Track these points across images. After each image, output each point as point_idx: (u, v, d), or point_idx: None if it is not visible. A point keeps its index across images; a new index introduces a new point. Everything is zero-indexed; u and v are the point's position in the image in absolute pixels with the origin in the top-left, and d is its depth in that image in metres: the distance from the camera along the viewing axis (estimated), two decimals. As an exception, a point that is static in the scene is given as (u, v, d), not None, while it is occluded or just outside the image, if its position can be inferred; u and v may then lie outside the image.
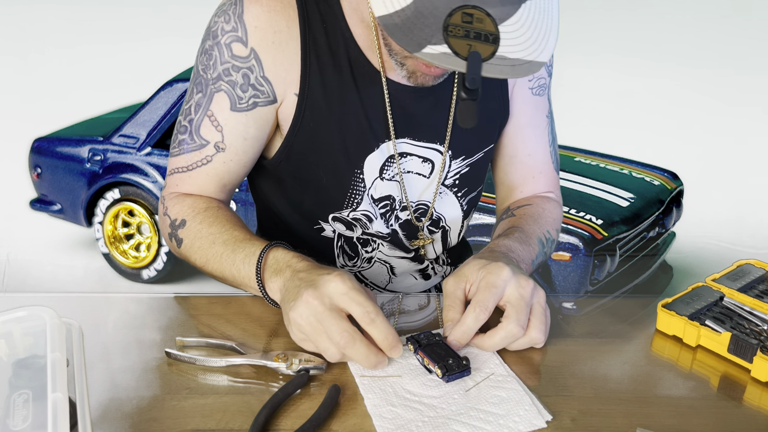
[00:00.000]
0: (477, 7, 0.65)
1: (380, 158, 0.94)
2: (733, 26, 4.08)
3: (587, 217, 2.58)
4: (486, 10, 0.66)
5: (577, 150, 3.24)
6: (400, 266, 1.05)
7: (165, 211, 0.94)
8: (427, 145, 0.96)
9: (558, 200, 1.10)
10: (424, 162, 0.97)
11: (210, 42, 0.88)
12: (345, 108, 0.90)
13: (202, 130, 0.90)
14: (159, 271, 3.27)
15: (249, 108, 0.88)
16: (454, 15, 0.65)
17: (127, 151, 3.24)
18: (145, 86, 3.26)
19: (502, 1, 0.66)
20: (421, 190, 0.99)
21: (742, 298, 0.83)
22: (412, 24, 0.66)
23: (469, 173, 1.01)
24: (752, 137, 4.00)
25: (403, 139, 0.94)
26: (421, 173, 0.98)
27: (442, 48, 0.65)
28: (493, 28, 0.66)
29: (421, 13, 0.66)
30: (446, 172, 0.99)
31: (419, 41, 0.65)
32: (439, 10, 0.65)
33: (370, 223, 0.99)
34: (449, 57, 0.65)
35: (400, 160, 0.96)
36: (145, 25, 4.07)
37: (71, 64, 4.16)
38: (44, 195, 3.50)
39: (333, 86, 0.89)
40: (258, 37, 0.85)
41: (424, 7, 0.65)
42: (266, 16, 0.85)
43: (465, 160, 1.00)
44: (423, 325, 0.83)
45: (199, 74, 0.90)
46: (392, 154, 0.95)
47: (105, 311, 0.87)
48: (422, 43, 0.65)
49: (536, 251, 0.92)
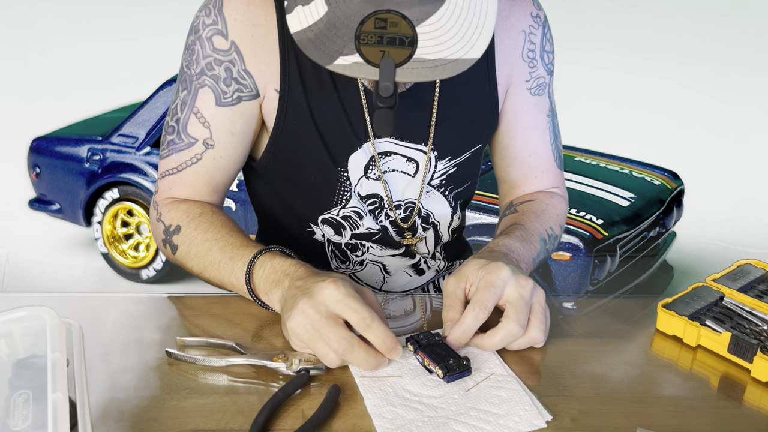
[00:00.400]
0: (392, 11, 0.64)
1: (364, 157, 0.94)
2: (733, 25, 4.08)
3: (588, 216, 2.58)
4: (401, 13, 0.64)
5: (578, 149, 3.24)
6: (393, 264, 1.06)
7: (159, 217, 0.94)
8: (410, 145, 0.96)
9: (563, 195, 1.09)
10: (409, 161, 0.97)
11: (192, 37, 0.88)
12: (325, 107, 0.90)
13: (189, 127, 0.90)
14: (158, 271, 3.27)
15: (234, 102, 0.89)
16: (367, 22, 0.64)
17: (126, 151, 3.24)
18: (144, 85, 3.27)
19: (421, 1, 0.64)
20: (406, 189, 0.99)
21: (742, 298, 0.84)
22: (325, 37, 0.65)
23: (456, 173, 1.01)
24: (753, 137, 4.00)
25: (386, 138, 0.94)
26: (406, 172, 0.98)
27: (354, 58, 0.64)
28: (409, 31, 0.64)
29: (334, 25, 0.65)
30: (432, 173, 0.99)
31: (331, 53, 0.64)
32: (352, 19, 0.64)
33: (361, 220, 0.99)
34: (362, 66, 0.64)
35: (384, 159, 0.96)
36: (144, 23, 4.07)
37: (70, 63, 4.16)
38: (43, 195, 3.50)
39: (312, 84, 0.89)
40: (238, 29, 0.86)
41: (337, 17, 0.64)
42: (245, 9, 0.85)
43: (452, 161, 0.99)
44: (411, 329, 0.83)
45: (184, 71, 0.90)
46: (374, 154, 0.95)
47: (105, 311, 0.87)
48: (334, 55, 0.64)
49: (538, 249, 0.92)
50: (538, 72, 1.00)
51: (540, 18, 0.99)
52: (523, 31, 0.97)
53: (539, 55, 1.00)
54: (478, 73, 0.95)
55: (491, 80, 0.96)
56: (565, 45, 1.52)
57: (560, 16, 0.84)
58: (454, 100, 0.95)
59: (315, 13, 0.65)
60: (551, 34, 1.02)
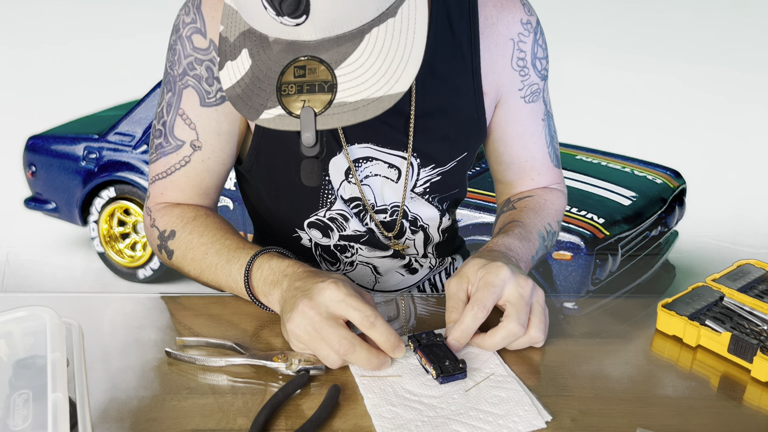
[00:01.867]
0: (310, 57, 0.63)
1: (344, 162, 0.95)
2: (734, 22, 4.09)
3: (589, 216, 2.58)
4: (318, 58, 0.63)
5: (579, 148, 3.24)
6: (383, 265, 1.06)
7: (152, 223, 0.94)
8: (390, 152, 0.96)
9: (562, 190, 1.09)
10: (390, 167, 0.97)
11: (174, 37, 0.88)
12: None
13: (176, 130, 0.90)
14: (155, 271, 3.27)
15: (218, 102, 0.89)
16: (287, 72, 0.63)
17: (123, 149, 3.25)
18: (141, 83, 3.27)
19: (338, 41, 0.63)
20: (390, 194, 0.99)
21: (742, 298, 0.84)
22: (251, 91, 0.64)
23: (441, 181, 1.00)
24: (755, 135, 4.00)
25: (366, 144, 0.94)
26: (388, 177, 0.98)
27: (277, 110, 0.63)
28: (328, 76, 0.63)
29: (258, 78, 0.64)
30: (415, 180, 0.99)
31: (257, 108, 0.64)
32: (273, 70, 0.64)
33: (347, 222, 1.00)
34: (284, 118, 0.63)
35: (366, 164, 0.96)
36: (142, 20, 4.07)
37: (66, 60, 4.16)
38: (39, 193, 3.50)
39: None
40: (215, 27, 0.85)
41: (260, 71, 0.64)
42: (222, 7, 0.86)
43: (435, 169, 0.99)
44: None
45: (167, 72, 0.90)
46: (357, 158, 0.95)
47: (105, 311, 0.88)
48: (259, 110, 0.64)
49: (536, 246, 0.93)
50: (531, 80, 0.98)
51: (531, 24, 0.96)
52: (511, 39, 0.94)
53: (530, 62, 0.97)
54: (462, 83, 0.93)
55: (477, 90, 0.94)
56: (565, 42, 1.52)
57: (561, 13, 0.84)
58: (436, 109, 0.94)
59: (241, 68, 0.65)
60: (544, 39, 0.99)
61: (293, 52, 0.63)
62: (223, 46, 0.67)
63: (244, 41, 0.66)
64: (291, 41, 0.63)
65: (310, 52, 0.63)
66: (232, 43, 0.66)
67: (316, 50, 0.63)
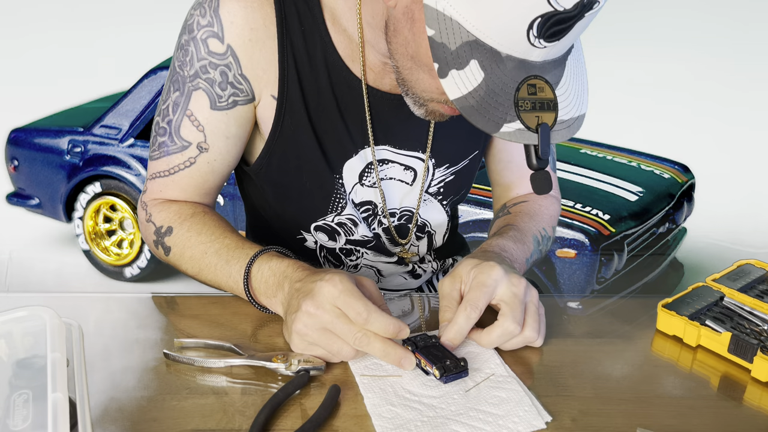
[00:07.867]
0: (538, 77, 0.69)
1: (359, 164, 0.97)
2: (747, 10, 4.09)
3: (593, 212, 2.57)
4: (545, 78, 0.70)
5: (583, 141, 3.23)
6: (387, 269, 1.09)
7: (149, 218, 0.96)
8: (408, 153, 0.99)
9: (556, 196, 1.13)
10: (406, 170, 1.00)
11: (186, 36, 0.89)
12: (322, 113, 0.92)
13: (182, 131, 0.91)
14: (142, 269, 3.27)
15: (229, 106, 0.90)
16: (522, 88, 0.69)
17: (109, 143, 3.23)
18: (128, 74, 3.25)
19: (555, 64, 0.70)
20: (403, 197, 1.03)
21: (742, 298, 0.87)
22: (487, 104, 0.69)
23: (453, 180, 1.04)
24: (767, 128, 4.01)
25: (383, 146, 0.97)
26: (403, 180, 1.01)
27: (516, 125, 0.69)
28: (552, 95, 0.70)
29: (493, 91, 0.68)
30: (430, 180, 1.02)
31: (497, 121, 0.69)
32: (508, 85, 0.68)
33: (356, 227, 1.02)
34: (524, 132, 0.69)
35: (381, 166, 0.99)
36: (128, 9, 4.07)
37: (49, 50, 4.15)
38: (21, 189, 3.48)
39: (310, 90, 0.91)
40: (234, 33, 0.86)
41: (495, 84, 0.68)
42: (242, 12, 0.86)
43: (449, 168, 1.03)
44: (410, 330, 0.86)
45: (176, 71, 0.91)
46: (372, 161, 0.98)
47: (105, 311, 0.91)
48: (499, 123, 0.69)
49: (531, 249, 0.96)
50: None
51: None
52: None
53: None
54: None
55: None
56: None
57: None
58: None
59: (473, 79, 0.69)
60: None
61: (525, 70, 0.69)
62: (441, 52, 0.69)
63: (471, 52, 0.68)
64: (522, 59, 0.68)
65: (538, 72, 0.69)
66: (454, 51, 0.68)
67: (542, 70, 0.69)
